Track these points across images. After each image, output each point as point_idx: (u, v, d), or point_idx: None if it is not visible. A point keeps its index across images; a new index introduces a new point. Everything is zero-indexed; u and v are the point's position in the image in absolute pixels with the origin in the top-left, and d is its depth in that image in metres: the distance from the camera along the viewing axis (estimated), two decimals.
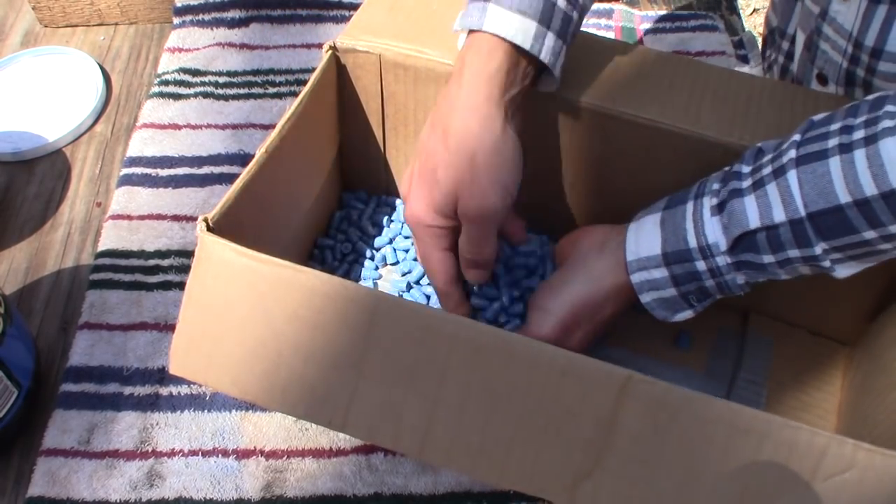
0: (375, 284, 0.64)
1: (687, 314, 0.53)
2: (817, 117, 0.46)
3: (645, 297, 0.52)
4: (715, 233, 0.48)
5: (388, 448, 0.54)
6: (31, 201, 0.72)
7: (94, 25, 0.87)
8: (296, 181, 0.59)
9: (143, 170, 0.72)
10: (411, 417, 0.42)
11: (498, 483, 0.42)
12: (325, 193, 0.65)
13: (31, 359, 0.57)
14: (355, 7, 0.79)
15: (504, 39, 0.50)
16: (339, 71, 0.59)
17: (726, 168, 0.50)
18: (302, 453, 0.56)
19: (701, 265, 0.49)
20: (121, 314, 0.63)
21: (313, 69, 0.56)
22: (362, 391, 0.43)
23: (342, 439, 0.57)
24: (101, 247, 0.67)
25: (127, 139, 0.76)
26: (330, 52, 0.57)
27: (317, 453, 0.56)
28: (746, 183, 0.48)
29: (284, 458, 0.56)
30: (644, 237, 0.52)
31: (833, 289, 0.58)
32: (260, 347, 0.44)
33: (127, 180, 0.71)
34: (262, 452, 0.56)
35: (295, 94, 0.78)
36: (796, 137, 0.46)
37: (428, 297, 0.62)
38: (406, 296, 0.63)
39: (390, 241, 0.66)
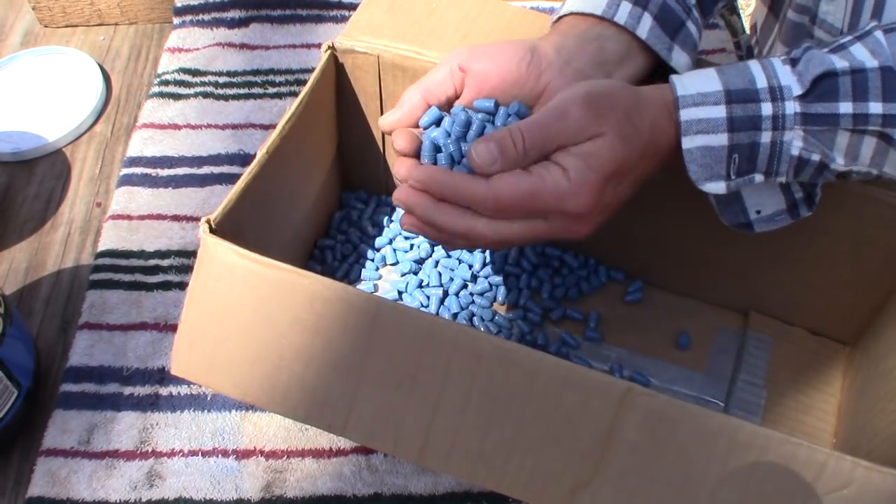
0: (375, 286, 0.64)
1: (719, 186, 0.46)
2: None
3: (689, 142, 0.45)
4: (788, 78, 0.44)
5: (388, 453, 0.54)
6: (31, 201, 0.72)
7: (94, 25, 0.87)
8: (296, 181, 0.59)
9: (143, 170, 0.72)
10: (411, 422, 0.42)
11: (496, 489, 0.42)
12: (325, 194, 0.65)
13: (31, 359, 0.57)
14: (355, 7, 0.79)
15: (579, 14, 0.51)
16: (337, 71, 0.59)
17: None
18: (302, 453, 0.56)
19: (767, 108, 0.44)
20: (121, 314, 0.63)
21: (313, 69, 0.56)
22: (362, 396, 0.43)
23: (342, 439, 0.57)
24: (101, 247, 0.67)
25: (127, 139, 0.76)
26: (328, 52, 0.57)
27: (317, 453, 0.56)
28: (823, 50, 0.45)
29: (284, 459, 0.56)
30: (695, 79, 0.46)
31: (833, 288, 0.58)
32: (261, 350, 0.44)
33: (127, 180, 0.72)
34: (262, 452, 0.56)
35: (295, 94, 0.78)
36: (875, 24, 0.45)
37: (428, 298, 0.62)
38: (406, 296, 0.63)
39: (390, 242, 0.66)
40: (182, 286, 0.65)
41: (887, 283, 0.56)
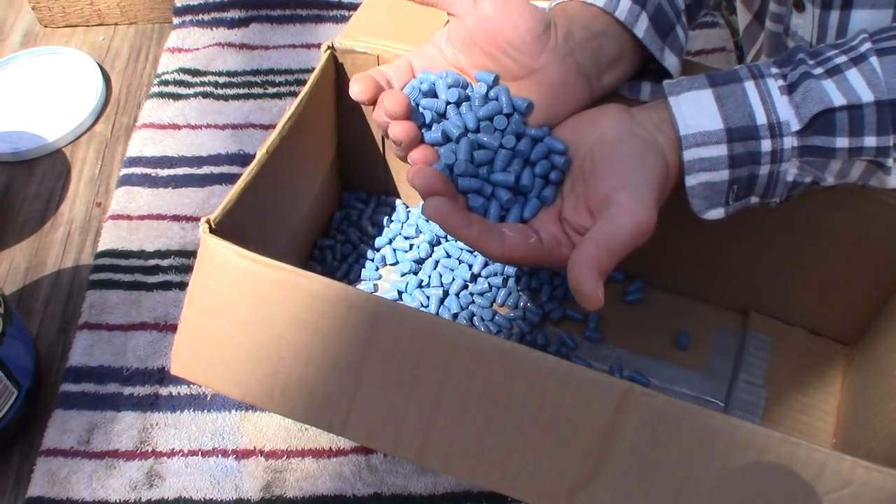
0: (375, 286, 0.64)
1: (719, 212, 0.48)
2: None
3: (692, 180, 0.47)
4: (786, 112, 0.45)
5: (388, 453, 0.54)
6: (31, 201, 0.72)
7: (93, 25, 0.87)
8: (296, 181, 0.59)
9: (142, 170, 0.72)
10: (411, 422, 0.42)
11: (496, 489, 0.42)
12: (325, 194, 0.65)
13: (31, 359, 0.58)
14: (355, 7, 0.79)
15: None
16: (337, 71, 0.59)
17: (768, 60, 0.48)
18: (302, 453, 0.57)
19: (766, 145, 0.46)
20: (121, 314, 0.63)
21: (313, 69, 0.56)
22: (362, 395, 0.43)
23: (342, 439, 0.57)
24: (101, 247, 0.67)
25: (127, 139, 0.76)
26: (328, 52, 0.57)
27: (317, 453, 0.56)
28: (818, 70, 0.45)
29: (284, 458, 0.56)
30: (696, 112, 0.47)
31: (833, 288, 0.58)
32: (260, 350, 0.44)
33: (127, 180, 0.72)
34: (261, 452, 0.56)
35: (295, 94, 0.78)
36: (864, 36, 0.45)
37: (428, 298, 0.62)
38: (406, 296, 0.63)
39: (390, 242, 0.66)
40: (182, 286, 0.65)
41: (887, 282, 0.56)
